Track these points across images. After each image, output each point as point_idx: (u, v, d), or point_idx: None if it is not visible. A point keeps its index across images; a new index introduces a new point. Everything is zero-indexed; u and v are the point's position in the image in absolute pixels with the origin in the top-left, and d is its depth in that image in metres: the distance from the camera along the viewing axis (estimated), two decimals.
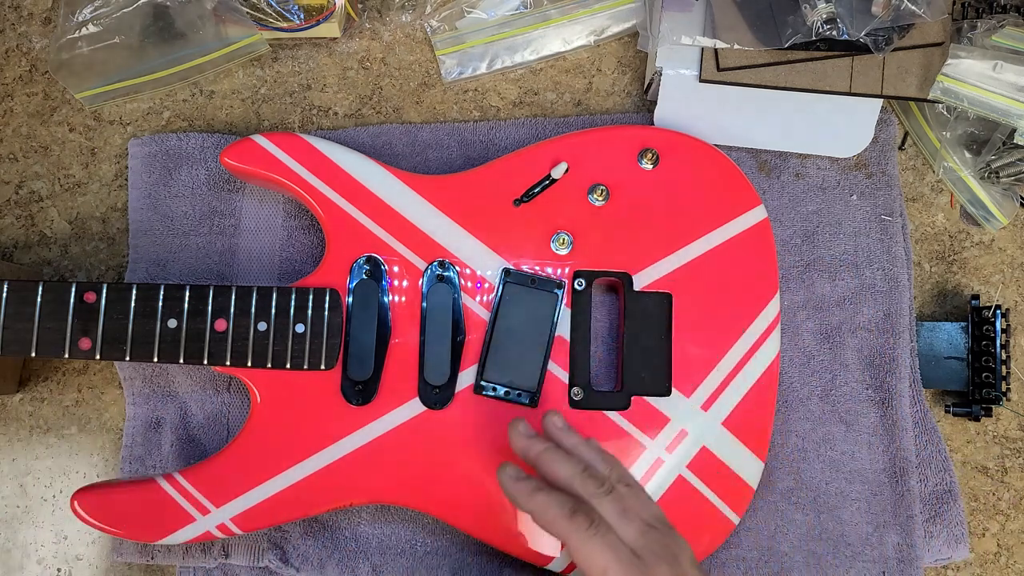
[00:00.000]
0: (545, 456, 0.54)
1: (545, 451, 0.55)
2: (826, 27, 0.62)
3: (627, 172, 0.64)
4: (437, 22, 0.72)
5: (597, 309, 0.66)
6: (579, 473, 0.53)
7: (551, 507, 0.52)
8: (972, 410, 0.67)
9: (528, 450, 0.56)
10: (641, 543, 0.51)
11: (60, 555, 0.69)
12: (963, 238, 0.71)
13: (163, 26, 0.69)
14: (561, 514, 0.51)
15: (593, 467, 0.54)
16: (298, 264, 0.69)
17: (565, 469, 0.54)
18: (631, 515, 0.52)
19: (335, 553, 0.66)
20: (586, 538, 0.50)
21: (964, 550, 0.66)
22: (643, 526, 0.52)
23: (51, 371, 0.70)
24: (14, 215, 0.72)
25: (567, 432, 0.57)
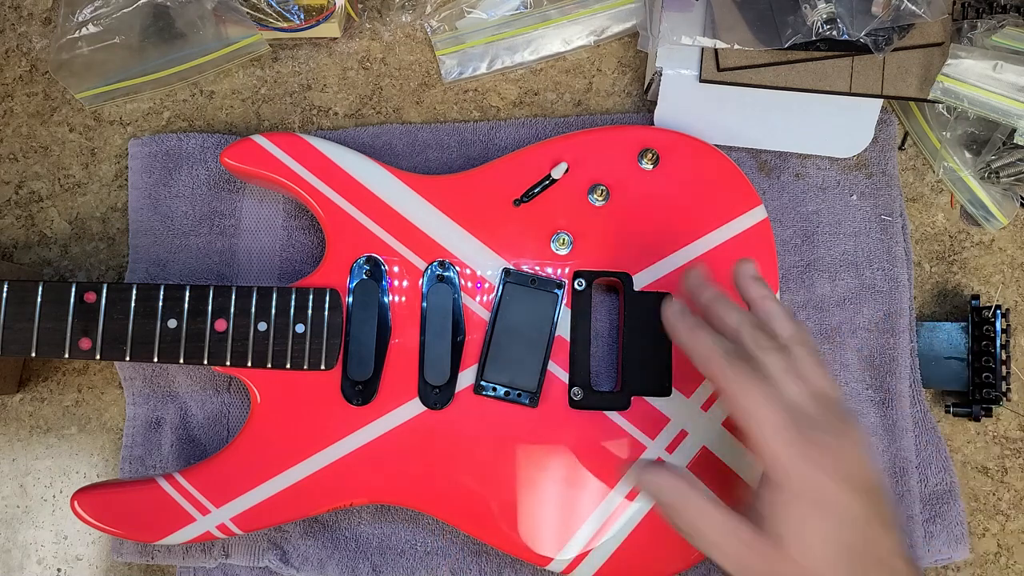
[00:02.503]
0: (717, 301, 0.50)
1: (717, 296, 0.50)
2: (826, 27, 0.62)
3: (627, 172, 0.64)
4: (437, 22, 0.72)
5: (597, 309, 0.66)
6: (749, 322, 0.48)
7: (707, 345, 0.47)
8: (972, 410, 0.67)
9: (700, 294, 0.51)
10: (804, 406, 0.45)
11: (60, 555, 0.69)
12: (963, 238, 0.71)
13: (163, 26, 0.69)
14: (721, 355, 0.46)
15: (772, 323, 0.49)
16: (298, 264, 0.69)
17: (735, 316, 0.49)
18: (800, 377, 0.46)
19: (335, 553, 0.66)
20: (741, 380, 0.45)
21: (964, 550, 0.66)
22: (812, 391, 0.46)
23: (51, 371, 0.70)
24: (14, 215, 0.72)
25: (757, 282, 0.51)
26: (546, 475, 0.61)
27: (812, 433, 0.45)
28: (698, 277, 0.53)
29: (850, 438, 0.46)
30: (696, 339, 0.49)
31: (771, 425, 0.45)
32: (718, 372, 0.47)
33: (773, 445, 0.45)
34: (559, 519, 0.61)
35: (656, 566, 0.61)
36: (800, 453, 0.44)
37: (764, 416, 0.45)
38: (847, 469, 0.45)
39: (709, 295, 0.51)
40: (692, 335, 0.49)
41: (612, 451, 0.62)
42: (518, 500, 0.61)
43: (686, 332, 0.49)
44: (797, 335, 0.49)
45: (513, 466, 0.61)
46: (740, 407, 0.46)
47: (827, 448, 0.45)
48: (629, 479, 0.50)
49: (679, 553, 0.61)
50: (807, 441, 0.44)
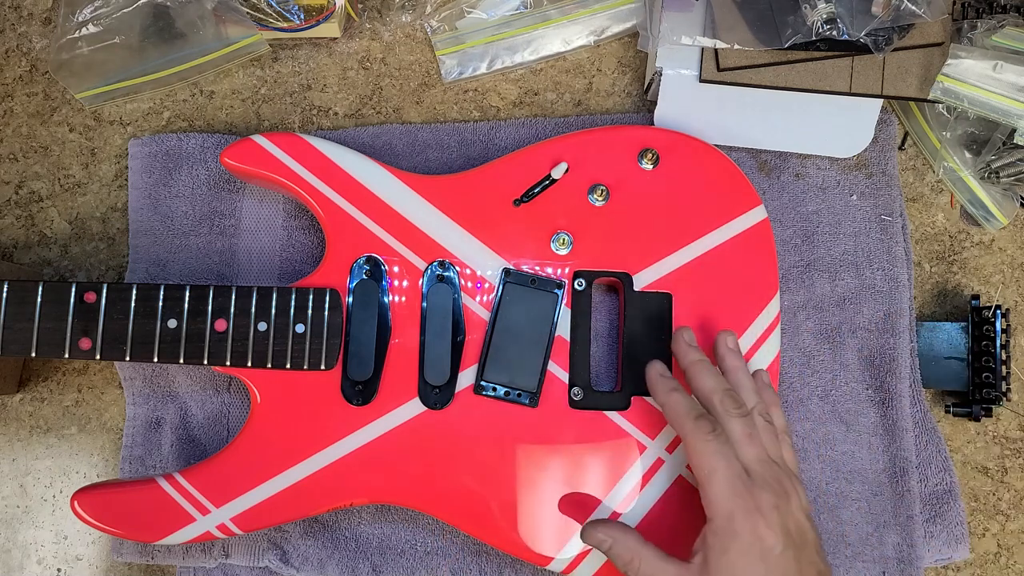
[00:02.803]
0: (697, 366, 0.57)
1: (698, 361, 0.58)
2: (826, 27, 0.62)
3: (627, 172, 0.64)
4: (437, 22, 0.72)
5: (597, 309, 0.66)
6: (721, 390, 0.56)
7: (681, 406, 0.55)
8: (972, 410, 0.67)
9: (685, 356, 0.59)
10: (756, 467, 0.53)
11: (60, 555, 0.69)
12: (963, 238, 0.71)
13: (163, 26, 0.69)
14: (688, 414, 0.54)
15: (740, 392, 0.56)
16: (298, 264, 0.69)
17: (710, 382, 0.56)
18: (755, 441, 0.54)
19: (335, 553, 0.66)
20: (703, 439, 0.53)
21: (964, 550, 0.66)
22: (764, 455, 0.53)
23: (51, 371, 0.70)
24: (14, 215, 0.72)
25: (732, 354, 0.59)
26: (546, 475, 0.61)
27: (757, 490, 0.52)
28: (685, 339, 0.60)
29: (791, 500, 0.53)
30: (671, 399, 0.56)
31: (722, 477, 0.52)
32: (685, 428, 0.54)
33: (720, 493, 0.52)
34: (559, 519, 0.61)
35: None
36: (743, 504, 0.51)
37: (717, 468, 0.52)
38: (784, 524, 0.51)
39: (692, 359, 0.58)
40: (668, 396, 0.57)
41: (612, 451, 0.62)
42: (518, 500, 0.61)
43: (664, 393, 0.57)
44: (759, 406, 0.56)
45: (513, 466, 0.61)
46: (697, 458, 0.53)
47: (768, 503, 0.51)
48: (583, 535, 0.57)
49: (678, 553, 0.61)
50: (751, 495, 0.52)
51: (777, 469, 0.53)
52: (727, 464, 0.52)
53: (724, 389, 0.56)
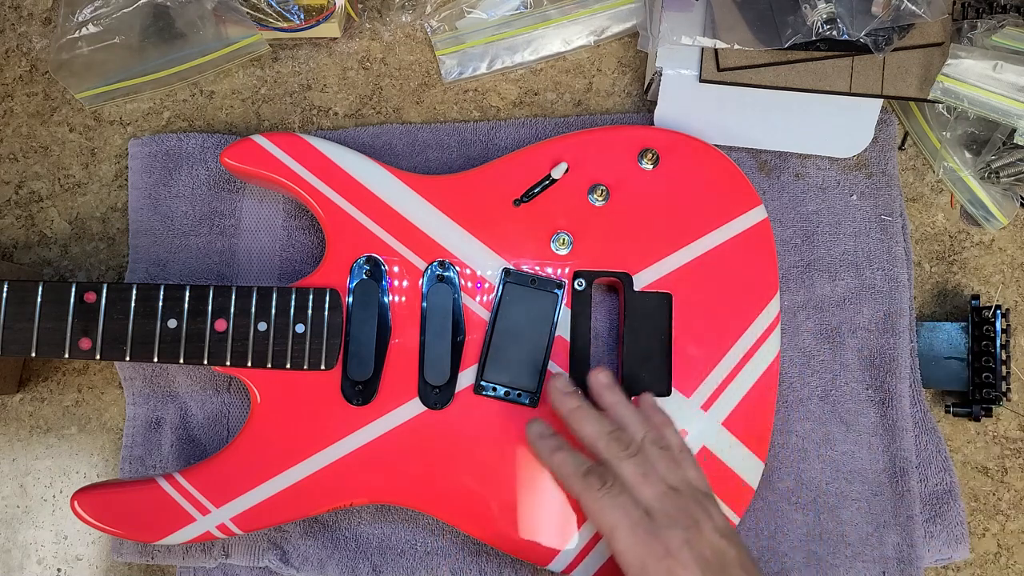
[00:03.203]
0: (574, 414, 0.56)
1: (575, 409, 0.56)
2: (826, 27, 0.62)
3: (627, 172, 0.64)
4: (437, 22, 0.72)
5: (597, 309, 0.66)
6: (604, 434, 0.54)
7: (567, 465, 0.53)
8: (972, 410, 0.67)
9: (561, 405, 0.57)
10: (657, 506, 0.51)
11: (60, 555, 0.69)
12: (963, 238, 0.71)
13: (163, 26, 0.69)
14: (575, 473, 0.52)
15: (625, 428, 0.54)
16: (298, 264, 0.69)
17: (591, 428, 0.54)
18: (652, 478, 0.52)
19: (335, 553, 0.66)
20: (596, 498, 0.51)
21: (964, 550, 0.66)
22: (664, 488, 0.51)
23: (51, 371, 0.70)
24: (14, 215, 0.72)
25: (609, 390, 0.57)
26: (546, 475, 0.61)
27: (661, 530, 0.50)
28: (557, 391, 0.58)
29: (702, 526, 0.51)
30: (555, 460, 0.55)
31: (623, 528, 0.50)
32: (575, 490, 0.53)
33: (627, 547, 0.50)
34: (559, 519, 0.61)
35: None
36: (652, 551, 0.49)
37: (616, 522, 0.50)
38: (699, 555, 0.49)
39: (568, 407, 0.56)
40: (551, 457, 0.55)
41: None
42: (518, 500, 0.61)
43: (547, 455, 0.55)
44: (649, 435, 0.54)
45: (513, 466, 0.61)
46: (596, 516, 0.51)
47: (678, 541, 0.49)
48: None
49: None
50: (657, 539, 0.50)
51: (681, 499, 0.51)
52: (625, 514, 0.50)
53: (607, 432, 0.54)
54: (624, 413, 0.56)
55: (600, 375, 0.58)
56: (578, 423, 0.55)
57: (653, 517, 0.50)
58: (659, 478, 0.52)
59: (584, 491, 0.52)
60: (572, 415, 0.56)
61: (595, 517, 0.51)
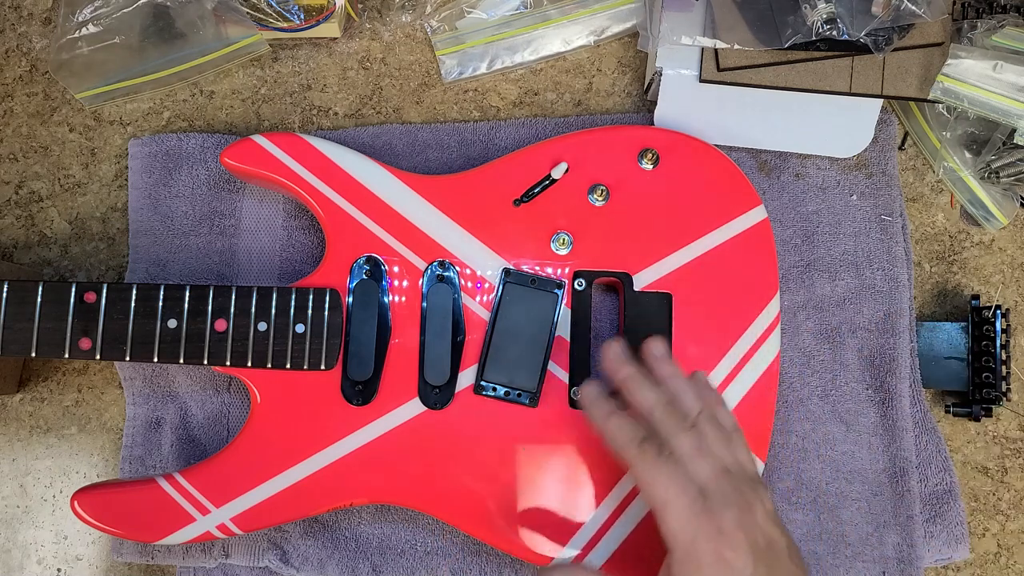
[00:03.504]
0: (631, 381, 0.54)
1: (632, 376, 0.54)
2: (826, 27, 0.62)
3: (627, 172, 0.64)
4: (437, 22, 0.72)
5: (597, 309, 0.66)
6: (661, 404, 0.52)
7: (622, 432, 0.51)
8: (972, 410, 0.67)
9: (616, 372, 0.55)
10: (711, 484, 0.49)
11: (60, 555, 0.69)
12: (963, 238, 0.71)
13: (163, 26, 0.69)
14: (631, 440, 0.50)
15: (680, 400, 0.52)
16: (298, 264, 0.69)
17: (648, 397, 0.52)
18: (707, 454, 0.50)
19: (335, 553, 0.66)
20: (651, 467, 0.49)
21: (964, 550, 0.66)
22: (718, 467, 0.50)
23: (51, 371, 0.70)
24: (14, 215, 0.72)
25: (664, 361, 0.55)
26: (546, 475, 0.61)
27: (716, 509, 0.48)
28: (616, 353, 0.56)
29: (755, 510, 0.49)
30: (610, 426, 0.52)
31: (677, 504, 0.48)
32: (630, 456, 0.51)
33: (677, 524, 0.48)
34: (559, 519, 0.61)
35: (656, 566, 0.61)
36: (704, 529, 0.48)
37: (669, 499, 0.48)
38: (749, 539, 0.48)
39: (624, 374, 0.54)
40: (606, 423, 0.53)
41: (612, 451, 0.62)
42: (518, 500, 0.61)
43: (601, 420, 0.53)
44: (705, 411, 0.52)
45: (513, 466, 0.61)
46: (649, 488, 0.49)
47: (731, 522, 0.48)
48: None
49: None
50: (710, 518, 0.48)
51: (735, 479, 0.50)
52: (681, 489, 0.48)
53: (664, 402, 0.52)
54: (680, 386, 0.54)
55: (657, 345, 0.56)
56: (635, 390, 0.53)
57: (707, 495, 0.48)
58: (714, 456, 0.50)
59: (639, 459, 0.50)
60: (629, 381, 0.53)
61: (648, 488, 0.49)
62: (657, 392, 0.53)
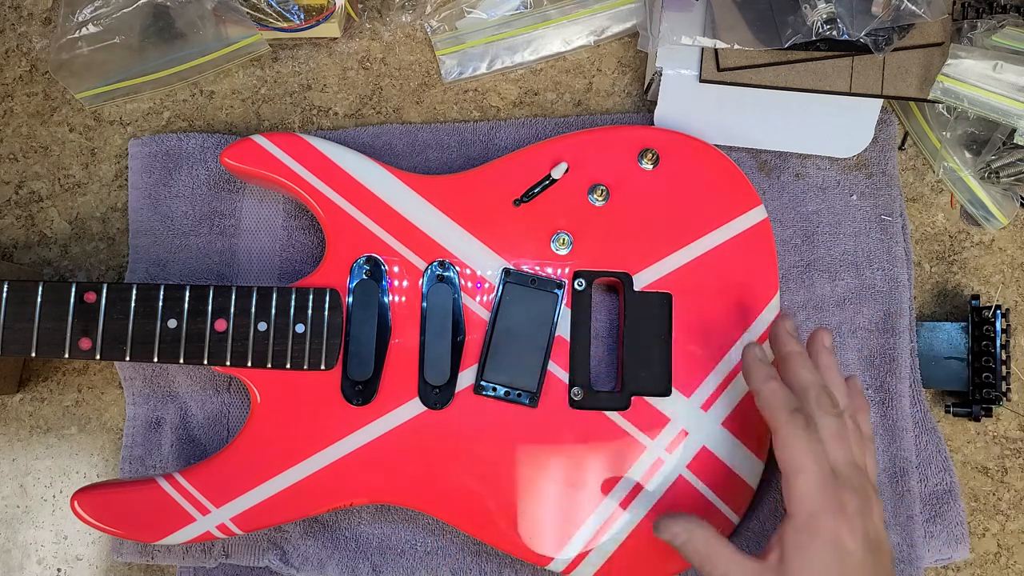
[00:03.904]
0: (796, 358, 0.56)
1: (799, 354, 0.56)
2: (826, 27, 0.62)
3: (627, 172, 0.64)
4: (437, 22, 0.72)
5: (597, 309, 0.66)
6: (818, 385, 0.54)
7: (778, 397, 0.53)
8: (972, 410, 0.67)
9: (784, 345, 0.57)
10: (843, 468, 0.52)
11: (60, 555, 0.69)
12: (963, 238, 0.71)
13: (163, 26, 0.69)
14: (785, 407, 0.53)
15: (834, 390, 0.55)
16: (298, 264, 0.69)
17: (807, 378, 0.55)
18: (846, 443, 0.53)
19: (335, 553, 0.66)
20: (796, 435, 0.51)
21: (964, 550, 0.66)
22: (851, 458, 0.52)
23: (51, 371, 0.70)
24: (14, 215, 0.72)
25: (827, 353, 0.58)
26: (546, 475, 0.61)
27: (843, 491, 0.51)
28: (788, 328, 0.58)
29: (874, 507, 0.52)
30: (767, 388, 0.54)
31: (810, 474, 0.51)
32: (779, 420, 0.53)
33: (807, 490, 0.51)
34: (559, 519, 0.61)
35: (656, 566, 0.61)
36: (828, 503, 0.50)
37: (806, 465, 0.51)
38: (865, 528, 0.51)
39: (792, 348, 0.56)
40: (765, 384, 0.55)
41: (612, 451, 0.62)
42: (518, 500, 0.61)
43: (760, 380, 0.55)
44: (851, 409, 0.55)
45: (513, 466, 0.61)
46: (788, 453, 0.52)
47: (854, 507, 0.51)
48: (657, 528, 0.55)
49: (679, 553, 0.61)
50: (837, 496, 0.51)
51: (862, 476, 0.53)
52: (817, 461, 0.51)
53: (821, 385, 0.54)
54: (836, 380, 0.57)
55: (824, 337, 0.58)
56: (798, 366, 0.55)
57: (838, 476, 0.51)
58: (849, 447, 0.53)
59: (787, 425, 0.52)
60: (793, 357, 0.56)
61: (788, 452, 0.51)
62: (816, 375, 0.55)
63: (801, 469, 0.51)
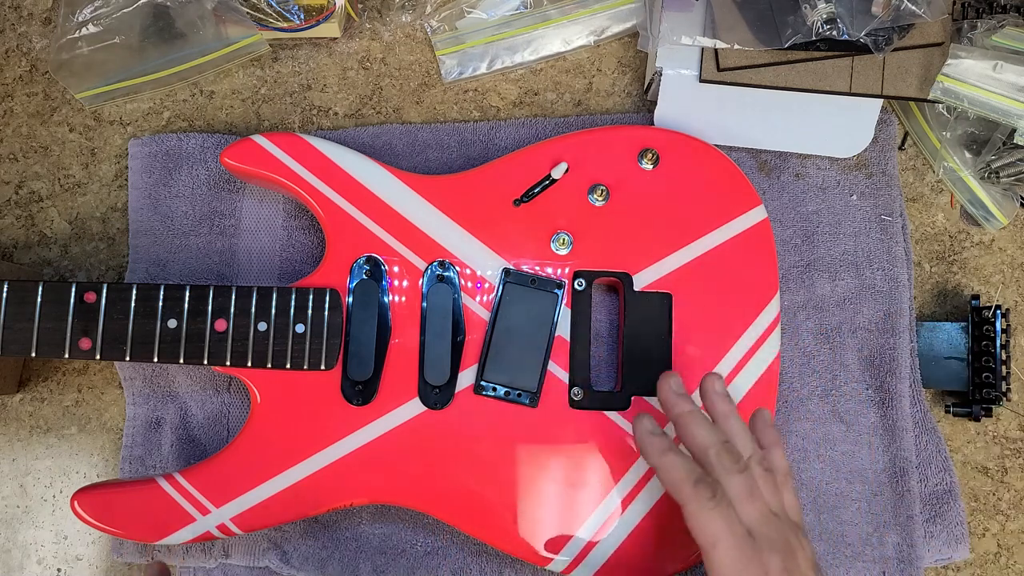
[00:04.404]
0: (688, 418, 0.54)
1: (689, 413, 0.54)
2: (826, 27, 0.62)
3: (627, 172, 0.64)
4: (437, 22, 0.72)
5: (597, 309, 0.66)
6: (717, 444, 0.53)
7: (677, 470, 0.52)
8: (972, 410, 0.67)
9: (673, 407, 0.55)
10: (759, 527, 0.50)
11: (60, 555, 0.69)
12: (963, 238, 0.71)
13: (163, 26, 0.69)
14: (686, 479, 0.51)
15: (734, 441, 0.54)
16: (298, 264, 0.69)
17: (704, 437, 0.53)
18: (756, 498, 0.51)
19: (335, 553, 0.66)
20: (703, 508, 0.50)
21: (964, 550, 0.66)
22: (766, 511, 0.51)
23: (51, 371, 0.70)
24: (14, 215, 0.72)
25: (722, 399, 0.56)
26: (546, 475, 0.61)
27: (765, 554, 0.49)
28: (670, 391, 0.56)
29: (798, 556, 0.50)
30: (665, 462, 0.53)
31: (725, 544, 0.49)
32: (682, 497, 0.51)
33: (726, 561, 0.49)
34: (559, 519, 0.61)
35: (655, 566, 0.61)
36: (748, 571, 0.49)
37: (720, 536, 0.50)
38: None
39: (681, 409, 0.55)
40: (660, 458, 0.53)
41: (612, 451, 0.62)
42: (518, 500, 0.61)
43: (655, 455, 0.54)
44: (756, 454, 0.54)
45: (513, 466, 0.61)
46: (699, 526, 0.50)
47: (777, 568, 0.49)
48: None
49: (678, 553, 0.61)
50: (759, 561, 0.49)
51: (781, 524, 0.51)
52: (730, 530, 0.50)
53: (720, 443, 0.53)
54: (735, 427, 0.55)
55: (715, 382, 0.57)
56: (691, 427, 0.54)
57: (755, 538, 0.50)
58: (763, 500, 0.51)
59: (692, 500, 0.51)
60: (685, 418, 0.54)
61: (698, 527, 0.50)
62: (713, 432, 0.54)
63: (716, 542, 0.49)
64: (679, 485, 0.52)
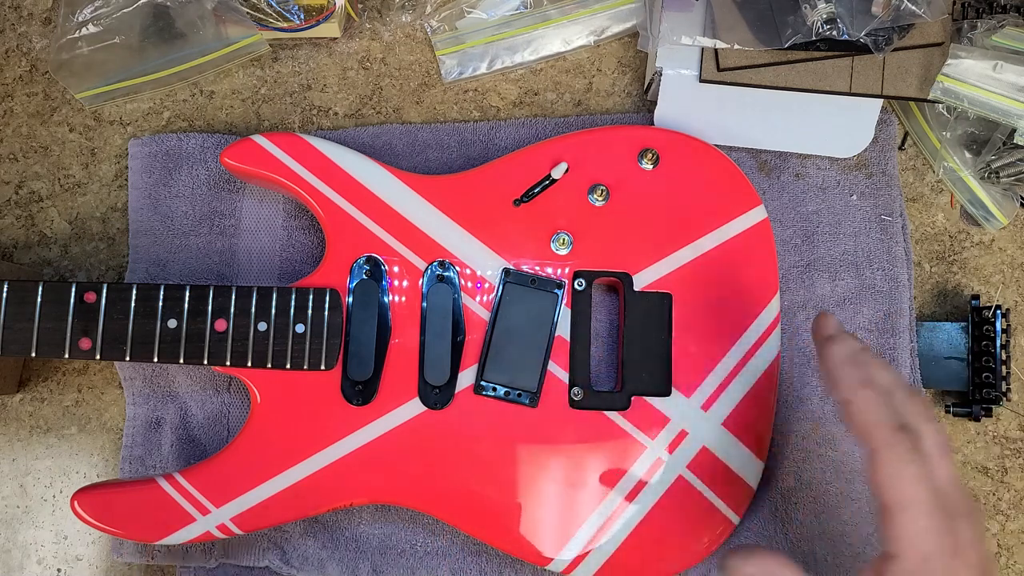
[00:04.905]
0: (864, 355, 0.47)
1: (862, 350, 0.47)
2: (826, 27, 0.62)
3: (627, 172, 0.64)
4: (437, 22, 0.72)
5: (597, 309, 0.66)
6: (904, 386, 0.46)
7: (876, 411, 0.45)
8: (972, 410, 0.67)
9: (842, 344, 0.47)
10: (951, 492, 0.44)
11: (60, 555, 0.69)
12: (963, 238, 0.71)
13: (163, 26, 0.69)
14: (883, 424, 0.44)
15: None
16: (298, 264, 0.69)
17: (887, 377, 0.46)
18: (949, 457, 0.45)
19: (335, 553, 0.66)
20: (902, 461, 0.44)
21: None
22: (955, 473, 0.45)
23: (51, 371, 0.70)
24: (14, 215, 0.72)
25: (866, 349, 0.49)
26: (546, 475, 0.61)
27: (958, 524, 0.44)
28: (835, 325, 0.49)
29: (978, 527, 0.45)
30: (861, 398, 0.45)
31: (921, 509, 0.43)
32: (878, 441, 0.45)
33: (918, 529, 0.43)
34: (559, 519, 0.61)
35: (656, 566, 0.61)
36: (945, 544, 0.43)
37: (916, 498, 0.44)
38: (979, 555, 0.44)
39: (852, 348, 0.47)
40: (857, 392, 0.46)
41: (612, 451, 0.62)
42: (518, 500, 0.61)
43: (852, 388, 0.46)
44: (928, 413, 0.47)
45: (513, 466, 0.61)
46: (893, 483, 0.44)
47: (967, 541, 0.44)
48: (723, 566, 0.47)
49: (678, 553, 0.61)
50: (952, 532, 0.44)
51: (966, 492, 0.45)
52: (927, 493, 0.43)
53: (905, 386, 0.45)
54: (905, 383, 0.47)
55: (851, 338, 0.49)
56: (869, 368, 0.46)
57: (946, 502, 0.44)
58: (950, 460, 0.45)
59: (889, 448, 0.44)
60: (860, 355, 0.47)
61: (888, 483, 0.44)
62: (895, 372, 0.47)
63: (911, 503, 0.43)
64: (875, 428, 0.44)
